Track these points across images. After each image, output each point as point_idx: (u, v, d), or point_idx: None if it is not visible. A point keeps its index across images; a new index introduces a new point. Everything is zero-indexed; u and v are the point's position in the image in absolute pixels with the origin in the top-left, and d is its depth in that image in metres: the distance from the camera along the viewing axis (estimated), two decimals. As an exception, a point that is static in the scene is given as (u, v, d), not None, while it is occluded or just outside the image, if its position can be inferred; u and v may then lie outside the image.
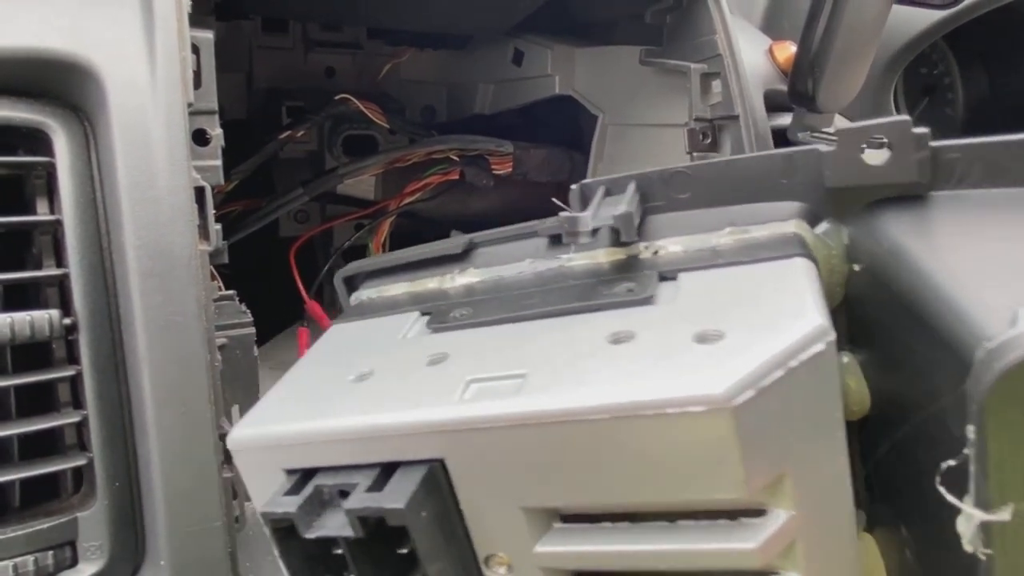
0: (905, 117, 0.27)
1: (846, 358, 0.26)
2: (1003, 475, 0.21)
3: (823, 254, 0.26)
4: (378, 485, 0.23)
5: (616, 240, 0.30)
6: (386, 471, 0.23)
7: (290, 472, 0.26)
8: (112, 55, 0.41)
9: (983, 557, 0.22)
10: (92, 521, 0.42)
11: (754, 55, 0.70)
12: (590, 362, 0.23)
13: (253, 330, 0.49)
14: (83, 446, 0.42)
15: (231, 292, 0.50)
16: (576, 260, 0.30)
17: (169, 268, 0.41)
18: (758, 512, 0.22)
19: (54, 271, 0.41)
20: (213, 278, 0.51)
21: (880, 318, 0.24)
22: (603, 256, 0.30)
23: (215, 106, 0.45)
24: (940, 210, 0.26)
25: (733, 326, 0.22)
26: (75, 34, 0.41)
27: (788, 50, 0.70)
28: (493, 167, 0.79)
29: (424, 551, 0.22)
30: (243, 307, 0.50)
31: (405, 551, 0.23)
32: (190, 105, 0.43)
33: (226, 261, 0.51)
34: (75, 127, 0.42)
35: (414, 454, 0.23)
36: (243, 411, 0.51)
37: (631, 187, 0.31)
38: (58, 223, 0.41)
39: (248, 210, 0.71)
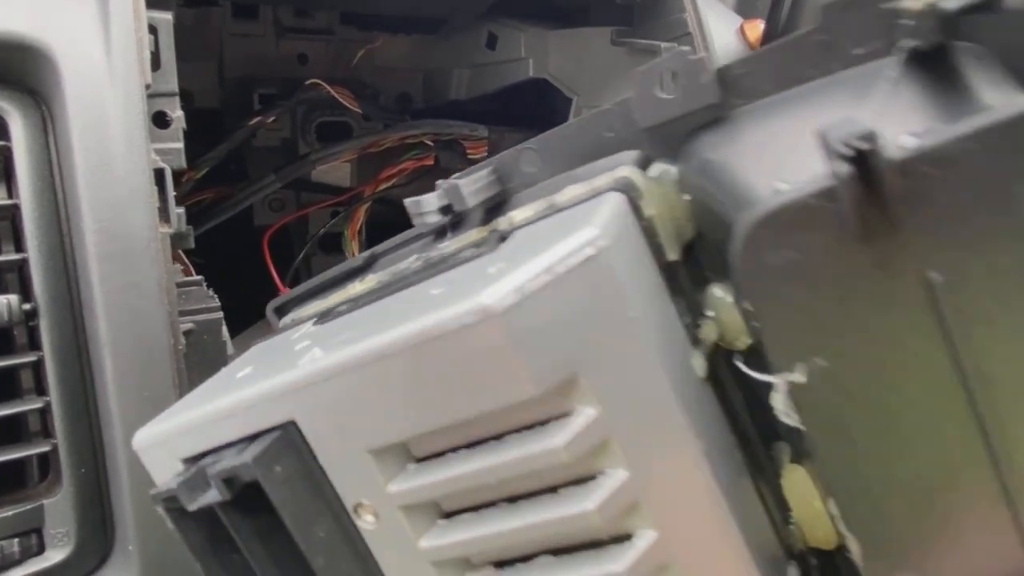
0: (684, 48, 0.29)
1: (719, 291, 0.27)
2: (780, 336, 0.21)
3: (658, 192, 0.28)
4: (241, 452, 0.25)
5: (483, 220, 0.33)
6: (251, 440, 0.25)
7: (185, 461, 0.28)
8: (67, 37, 0.41)
9: (802, 427, 0.22)
10: (58, 508, 0.42)
11: (725, 33, 0.69)
12: (409, 309, 0.25)
13: (221, 315, 0.49)
14: (47, 433, 0.42)
15: (199, 278, 0.50)
16: (452, 245, 0.33)
17: (129, 251, 0.40)
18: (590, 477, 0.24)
19: (13, 256, 0.41)
20: (180, 263, 0.51)
21: (717, 240, 0.25)
22: (473, 236, 0.32)
23: (175, 88, 0.45)
24: (739, 123, 0.27)
25: (525, 255, 0.24)
26: (29, 17, 0.41)
27: (759, 28, 0.70)
28: (468, 152, 0.79)
29: (279, 503, 0.24)
30: (211, 292, 0.50)
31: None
32: (148, 87, 0.43)
33: (191, 246, 0.50)
34: (31, 110, 0.42)
35: (270, 421, 0.25)
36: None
37: (486, 171, 0.34)
38: (16, 208, 0.41)
39: (220, 198, 0.70)
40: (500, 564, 0.25)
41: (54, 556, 0.42)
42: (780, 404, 0.23)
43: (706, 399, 0.27)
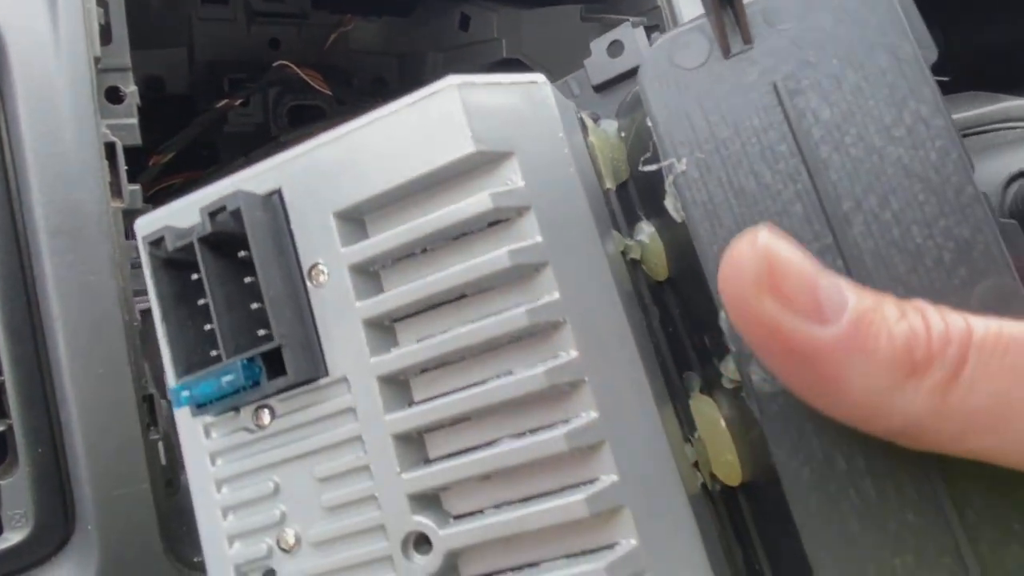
0: (636, 19, 0.36)
1: (647, 228, 0.30)
2: (672, 132, 0.26)
3: (601, 135, 0.31)
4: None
5: None
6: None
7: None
8: (11, 10, 0.40)
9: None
10: (15, 488, 0.41)
11: (694, 7, 0.69)
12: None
13: (181, 294, 0.48)
14: (2, 412, 0.41)
15: (160, 257, 0.49)
16: None
17: (80, 226, 0.40)
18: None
19: (-39, 233, 0.40)
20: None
21: (648, 175, 0.28)
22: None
23: (128, 63, 0.44)
24: None
25: None
26: (-26, -10, 0.40)
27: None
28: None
29: (253, 238, 0.27)
30: (172, 272, 0.49)
31: (243, 254, 0.27)
32: (98, 60, 0.42)
33: (152, 225, 0.50)
34: (-23, 85, 0.41)
35: (259, 191, 0.28)
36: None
37: None
38: (-37, 184, 0.40)
39: (189, 182, 0.69)
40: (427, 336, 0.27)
41: (12, 537, 0.41)
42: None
43: (629, 298, 0.28)
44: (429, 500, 0.26)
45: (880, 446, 0.21)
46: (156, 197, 0.71)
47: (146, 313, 0.47)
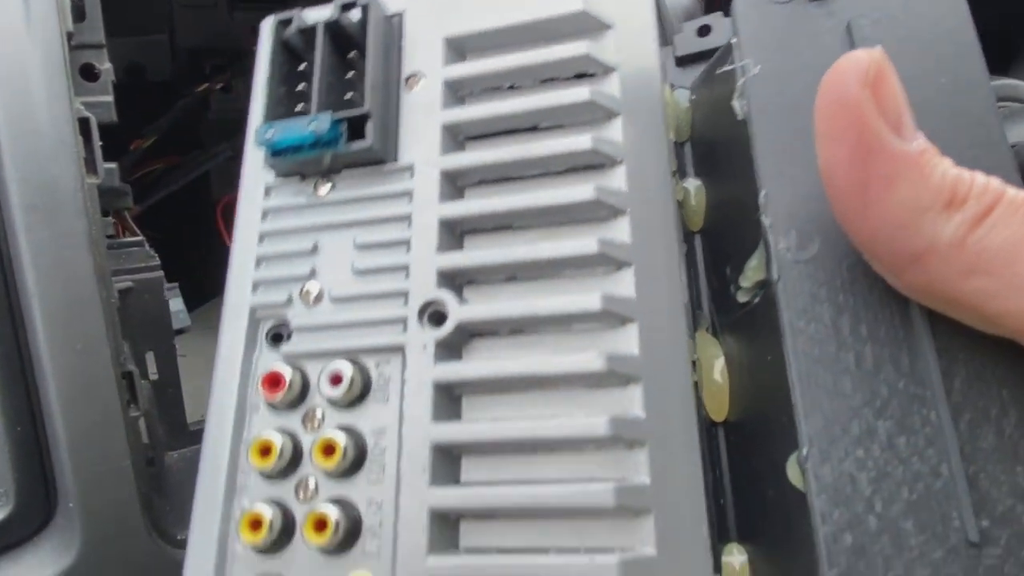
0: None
1: (695, 182, 0.33)
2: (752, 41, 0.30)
3: (671, 98, 0.33)
4: None
5: None
6: None
7: None
8: (-18, -14, 0.40)
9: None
10: (-5, 467, 0.41)
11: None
12: None
13: (161, 273, 0.48)
14: (-20, 390, 0.41)
15: (139, 238, 0.49)
16: None
17: (54, 202, 0.40)
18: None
19: (-64, 210, 0.40)
20: (125, 226, 0.50)
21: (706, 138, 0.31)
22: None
23: (102, 39, 0.44)
24: None
25: None
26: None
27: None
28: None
29: (371, 36, 0.30)
30: (151, 252, 0.49)
31: (352, 55, 0.31)
32: (71, 36, 0.42)
33: (130, 205, 0.50)
34: (-50, 63, 0.41)
35: (388, 10, 0.32)
36: (157, 357, 0.50)
37: None
38: (-63, 161, 0.40)
39: (172, 167, 0.69)
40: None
41: (-6, 516, 0.41)
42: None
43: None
44: (455, 283, 0.28)
45: (885, 317, 0.24)
46: (139, 183, 0.71)
47: (124, 292, 0.47)
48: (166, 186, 0.67)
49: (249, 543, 0.25)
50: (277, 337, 0.30)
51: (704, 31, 0.37)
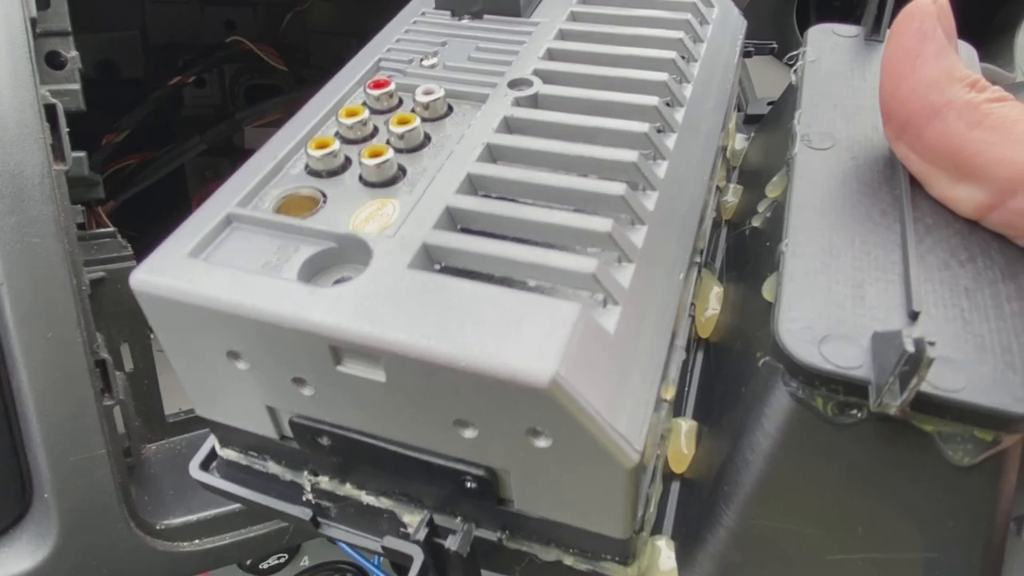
0: None
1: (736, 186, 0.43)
2: None
3: (730, 135, 0.45)
4: None
5: None
6: None
7: None
8: (-58, -28, 0.40)
9: None
10: (-32, 459, 0.41)
11: None
12: None
13: (135, 263, 0.48)
14: (-50, 382, 0.41)
15: (111, 229, 0.49)
16: None
17: (21, 189, 0.39)
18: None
19: (-99, 201, 0.39)
20: (95, 217, 0.50)
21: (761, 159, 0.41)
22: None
23: (67, 26, 0.44)
24: None
25: None
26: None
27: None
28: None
29: None
30: (124, 242, 0.49)
31: None
32: (35, 22, 0.42)
33: (101, 196, 0.49)
34: (-88, 52, 0.40)
35: None
36: (132, 349, 0.50)
37: None
38: (-99, 151, 0.39)
39: (145, 162, 0.69)
40: None
41: (-32, 509, 0.41)
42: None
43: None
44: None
45: (874, 188, 0.30)
46: (112, 177, 0.70)
47: (97, 282, 0.47)
48: (142, 181, 0.67)
49: (312, 151, 0.29)
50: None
51: (771, 103, 0.47)
